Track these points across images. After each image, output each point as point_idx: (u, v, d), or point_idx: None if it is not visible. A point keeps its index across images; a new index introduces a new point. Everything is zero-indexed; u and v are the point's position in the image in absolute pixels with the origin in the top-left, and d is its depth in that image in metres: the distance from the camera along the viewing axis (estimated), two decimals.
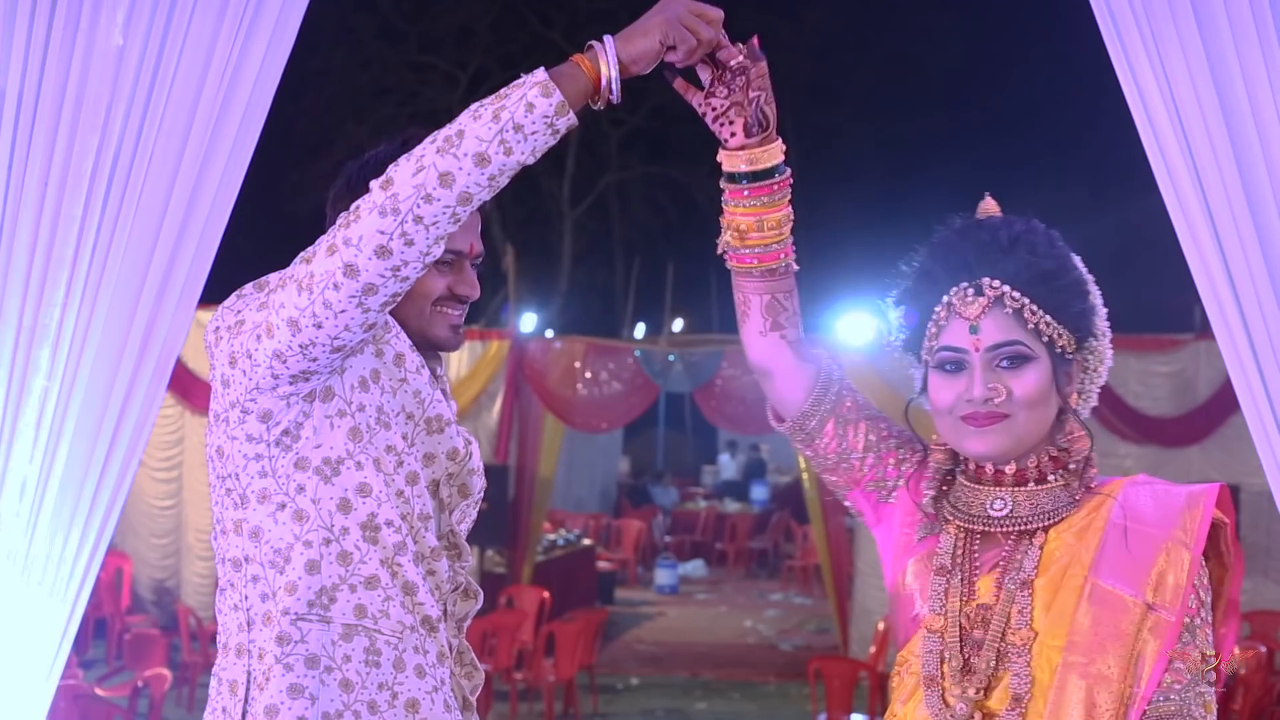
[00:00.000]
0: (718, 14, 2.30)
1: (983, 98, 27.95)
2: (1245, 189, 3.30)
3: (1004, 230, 2.28)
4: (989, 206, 2.37)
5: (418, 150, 2.28)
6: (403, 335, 2.56)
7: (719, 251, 2.38)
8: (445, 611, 2.61)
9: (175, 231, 3.57)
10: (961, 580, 2.24)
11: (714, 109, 2.32)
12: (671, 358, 16.53)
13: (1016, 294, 2.22)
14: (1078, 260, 2.32)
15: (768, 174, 2.32)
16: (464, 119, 2.27)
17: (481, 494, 2.70)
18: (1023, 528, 2.25)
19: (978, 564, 2.25)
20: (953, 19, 27.77)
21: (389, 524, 2.49)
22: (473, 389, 12.82)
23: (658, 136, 27.55)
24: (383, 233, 2.26)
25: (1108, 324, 2.34)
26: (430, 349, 2.62)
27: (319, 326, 2.34)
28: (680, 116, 25.41)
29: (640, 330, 25.69)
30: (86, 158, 3.52)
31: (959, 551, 2.27)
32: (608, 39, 2.30)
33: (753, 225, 2.33)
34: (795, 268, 2.41)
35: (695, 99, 2.34)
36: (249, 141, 3.61)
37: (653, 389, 15.36)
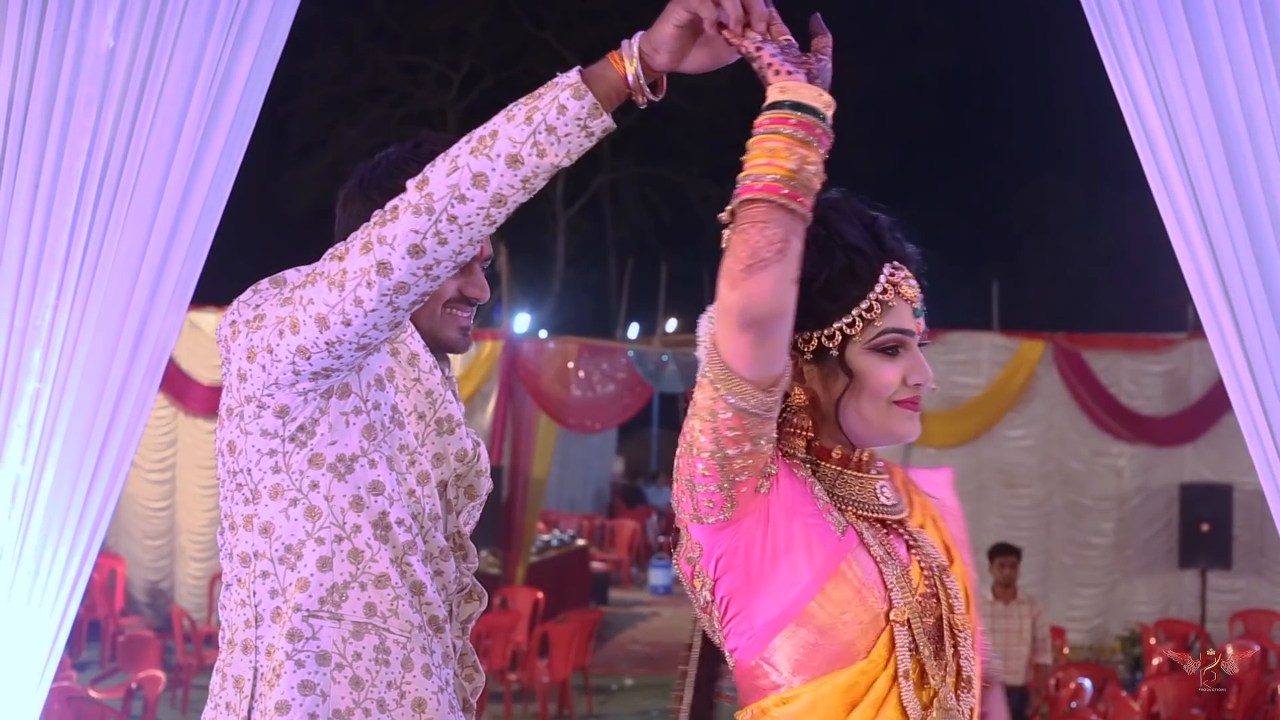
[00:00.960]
0: None
1: (977, 99, 27.99)
2: (1236, 188, 3.31)
3: (884, 215, 2.23)
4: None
5: (453, 150, 2.26)
6: (417, 335, 2.57)
7: (769, 179, 2.00)
8: (451, 612, 2.61)
9: (167, 232, 3.56)
10: (901, 570, 2.18)
11: (773, 51, 2.08)
12: (665, 358, 16.54)
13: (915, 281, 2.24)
14: None
15: (824, 119, 2.04)
16: (498, 120, 2.24)
17: (487, 495, 2.71)
18: (901, 515, 2.26)
19: (899, 553, 2.21)
20: (946, 20, 27.83)
21: (400, 523, 2.49)
22: (466, 389, 12.82)
23: (651, 137, 27.55)
24: (416, 231, 2.25)
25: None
26: (440, 350, 2.63)
27: (348, 324, 2.33)
28: (673, 117, 25.41)
29: (634, 330, 25.72)
30: (77, 159, 3.52)
31: (880, 543, 2.19)
32: (636, 36, 2.22)
33: (816, 167, 2.02)
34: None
35: (747, 46, 2.11)
36: (240, 142, 3.61)
37: (646, 389, 15.37)
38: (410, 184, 2.28)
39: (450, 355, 2.71)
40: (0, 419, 3.54)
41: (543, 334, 19.54)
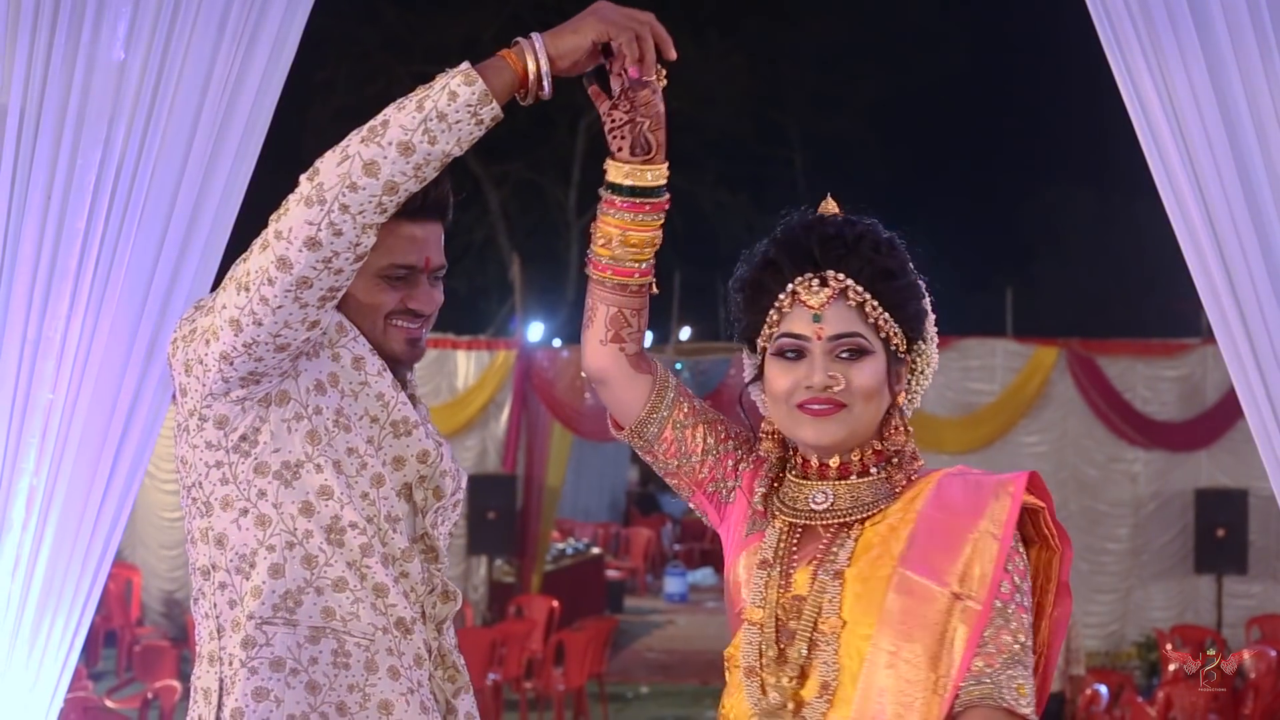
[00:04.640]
0: (648, 17, 2.31)
1: (987, 105, 27.96)
2: (1244, 193, 3.31)
3: (848, 228, 2.31)
4: (830, 206, 2.39)
5: (344, 141, 2.32)
6: (362, 339, 2.55)
7: (592, 257, 2.43)
8: (424, 614, 2.61)
9: (179, 243, 3.58)
10: (780, 572, 2.28)
11: (614, 120, 2.35)
12: (679, 366, 16.54)
13: (859, 288, 2.27)
14: (912, 265, 2.35)
15: (645, 192, 2.38)
16: (389, 110, 2.30)
17: (457, 496, 2.66)
18: (842, 520, 2.28)
19: (796, 556, 2.29)
20: (956, 26, 27.82)
21: (353, 526, 2.49)
22: (480, 399, 12.83)
23: None
24: (310, 223, 2.29)
25: (936, 330, 2.38)
26: (390, 362, 2.60)
27: (259, 324, 2.36)
28: (684, 126, 25.43)
29: (648, 339, 25.69)
30: (89, 171, 3.53)
31: (781, 545, 2.30)
32: (535, 35, 2.32)
33: (615, 236, 2.38)
34: (652, 291, 2.45)
35: (603, 106, 2.36)
36: (251, 153, 3.63)
37: None
38: (302, 177, 2.33)
39: (459, 364, 2.71)
40: (14, 430, 3.56)
41: (556, 343, 19.52)
